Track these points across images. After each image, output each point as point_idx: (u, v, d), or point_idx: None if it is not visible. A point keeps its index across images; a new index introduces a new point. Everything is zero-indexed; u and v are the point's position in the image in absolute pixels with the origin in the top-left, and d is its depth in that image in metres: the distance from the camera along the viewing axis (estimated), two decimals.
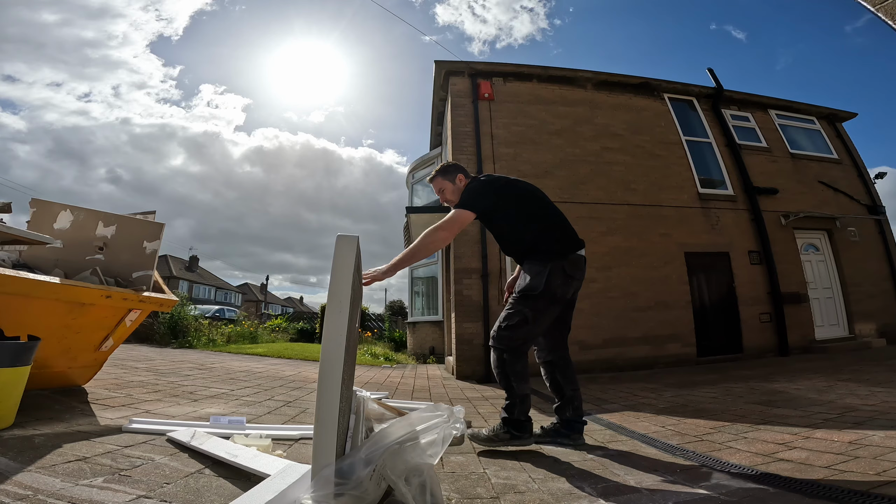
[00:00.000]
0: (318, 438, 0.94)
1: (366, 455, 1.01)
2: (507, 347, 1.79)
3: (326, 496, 0.89)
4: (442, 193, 2.11)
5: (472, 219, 1.88)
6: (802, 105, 7.76)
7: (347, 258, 1.01)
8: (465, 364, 5.11)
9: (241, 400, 2.67)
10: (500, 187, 1.98)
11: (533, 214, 1.95)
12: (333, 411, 0.94)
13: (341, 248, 1.02)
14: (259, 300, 42.94)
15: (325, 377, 0.96)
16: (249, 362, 5.28)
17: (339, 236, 1.05)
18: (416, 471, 0.98)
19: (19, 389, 1.67)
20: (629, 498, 1.21)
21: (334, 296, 0.99)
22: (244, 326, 9.71)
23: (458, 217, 1.86)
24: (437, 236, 1.81)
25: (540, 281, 1.79)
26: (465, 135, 6.03)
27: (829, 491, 1.18)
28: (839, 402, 2.47)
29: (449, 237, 1.86)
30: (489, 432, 1.81)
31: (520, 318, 1.78)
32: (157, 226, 2.74)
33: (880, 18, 1.33)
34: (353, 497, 0.93)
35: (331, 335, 0.98)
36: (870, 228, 7.28)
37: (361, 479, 0.95)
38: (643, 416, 2.49)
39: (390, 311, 17.15)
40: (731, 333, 5.94)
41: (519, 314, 1.79)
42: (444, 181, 2.09)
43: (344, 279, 0.99)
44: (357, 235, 1.07)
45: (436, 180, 2.12)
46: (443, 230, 1.82)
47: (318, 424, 0.94)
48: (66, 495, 1.07)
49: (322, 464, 0.93)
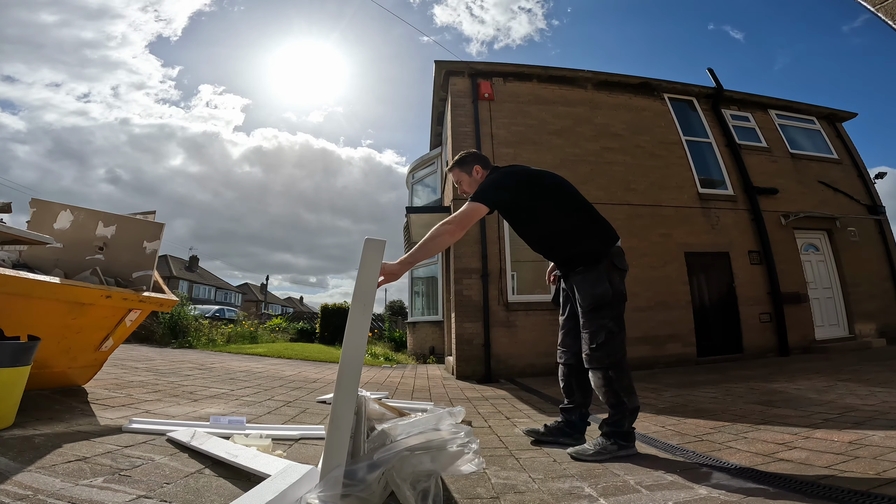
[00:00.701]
0: (331, 439, 0.94)
1: (376, 458, 1.01)
2: (608, 365, 1.67)
3: (334, 496, 0.89)
4: (459, 186, 2.00)
5: (486, 213, 1.75)
6: (802, 105, 7.76)
7: (375, 261, 1.01)
8: (465, 364, 5.11)
9: (241, 400, 2.67)
10: (524, 179, 1.83)
11: (567, 212, 1.81)
12: (349, 412, 0.94)
13: (369, 251, 1.02)
14: (259, 300, 42.95)
15: (344, 376, 0.96)
16: (249, 362, 5.28)
17: (367, 239, 1.05)
18: (423, 477, 0.98)
19: (19, 389, 1.67)
20: (629, 498, 1.21)
21: (359, 298, 0.99)
22: (244, 326, 9.71)
23: (469, 210, 1.71)
24: (443, 230, 1.67)
25: (605, 286, 1.69)
26: (465, 135, 6.03)
27: (829, 491, 1.18)
28: (839, 402, 2.47)
29: (458, 231, 1.70)
30: (595, 447, 1.67)
31: (606, 333, 1.67)
32: (157, 226, 2.74)
33: (880, 18, 1.33)
34: (358, 499, 0.93)
35: (353, 336, 0.98)
36: (870, 228, 7.28)
37: (370, 481, 0.96)
38: (643, 416, 2.48)
39: (390, 311, 17.15)
40: (731, 333, 5.94)
41: (603, 329, 1.67)
42: (461, 173, 1.97)
43: (370, 282, 1.00)
44: (384, 240, 1.07)
45: (453, 171, 2.01)
46: (451, 224, 1.68)
47: (332, 425, 0.94)
48: (66, 495, 1.07)
49: (332, 464, 0.93)
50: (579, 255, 1.78)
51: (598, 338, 1.68)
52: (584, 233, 1.80)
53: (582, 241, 1.78)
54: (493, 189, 1.79)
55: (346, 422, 0.93)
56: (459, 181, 2.00)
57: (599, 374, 1.70)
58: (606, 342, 1.67)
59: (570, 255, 1.81)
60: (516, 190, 1.80)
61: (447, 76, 6.57)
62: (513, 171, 1.88)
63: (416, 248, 1.63)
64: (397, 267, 1.56)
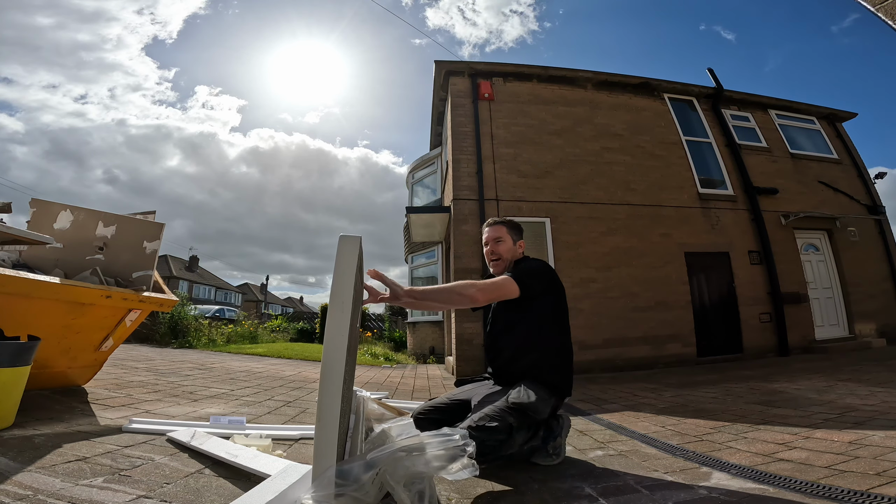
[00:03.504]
0: (319, 439, 0.94)
1: (370, 458, 1.01)
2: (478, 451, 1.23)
3: (327, 496, 0.89)
4: (496, 243, 1.83)
5: (515, 296, 1.61)
6: (802, 105, 7.76)
7: (350, 258, 1.01)
8: (466, 364, 5.11)
9: (241, 400, 2.67)
10: (553, 278, 1.73)
11: (563, 324, 1.70)
12: (335, 412, 0.94)
13: (344, 248, 1.01)
14: (259, 300, 42.93)
15: (326, 378, 0.95)
16: (249, 362, 5.27)
17: (341, 237, 1.04)
18: (417, 478, 0.98)
19: (19, 389, 1.67)
20: (629, 498, 1.21)
21: (336, 296, 0.98)
22: (244, 326, 9.71)
23: (503, 286, 1.60)
24: (468, 292, 1.53)
25: (545, 409, 1.52)
26: (465, 135, 6.03)
27: (829, 491, 1.18)
28: (839, 402, 2.47)
29: (481, 300, 1.57)
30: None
31: (503, 426, 1.38)
32: (157, 226, 2.74)
33: (880, 18, 1.34)
34: (353, 498, 0.93)
35: (333, 335, 0.97)
36: (870, 228, 7.28)
37: (363, 481, 0.95)
38: (643, 416, 2.49)
39: (390, 311, 17.13)
40: (731, 333, 5.94)
41: (503, 423, 1.39)
42: (508, 234, 1.85)
43: (346, 279, 0.99)
44: (359, 236, 1.06)
45: (497, 227, 1.87)
46: (477, 289, 1.54)
47: (319, 425, 0.94)
48: (66, 495, 1.07)
49: (323, 464, 0.93)
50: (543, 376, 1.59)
51: (489, 421, 1.38)
52: (565, 362, 1.67)
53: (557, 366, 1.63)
54: (534, 277, 1.67)
55: (332, 422, 0.93)
56: (500, 239, 1.84)
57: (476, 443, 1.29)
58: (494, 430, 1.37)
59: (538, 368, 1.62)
60: (548, 285, 1.70)
61: (447, 76, 6.57)
62: (550, 269, 1.79)
63: (433, 291, 1.55)
64: (403, 292, 1.46)
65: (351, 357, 1.63)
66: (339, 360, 0.95)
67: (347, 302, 0.98)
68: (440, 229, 7.88)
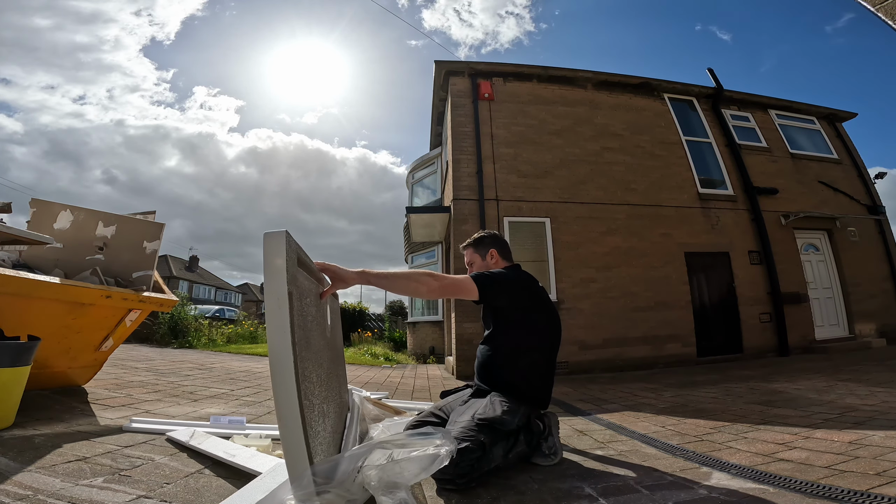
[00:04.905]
0: (284, 441, 0.93)
1: (348, 454, 1.02)
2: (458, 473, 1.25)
3: (308, 494, 0.89)
4: (470, 268, 1.81)
5: (474, 298, 1.52)
6: (802, 105, 7.76)
7: (276, 254, 1.01)
8: (466, 364, 5.10)
9: (241, 400, 2.67)
10: (536, 291, 1.66)
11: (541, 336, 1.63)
12: (294, 411, 0.92)
13: (268, 245, 1.02)
14: (259, 300, 42.90)
15: (276, 377, 0.94)
16: (249, 362, 5.27)
17: (265, 234, 1.05)
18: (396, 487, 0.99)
19: (19, 389, 1.67)
20: (629, 498, 1.21)
21: (272, 294, 0.98)
22: (244, 326, 9.71)
23: (462, 284, 1.50)
24: (424, 281, 1.46)
25: (513, 419, 1.45)
26: (465, 135, 6.03)
27: (829, 491, 1.18)
28: (839, 402, 2.47)
29: (436, 294, 1.50)
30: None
31: (475, 444, 1.30)
32: (157, 226, 2.74)
33: (880, 18, 1.34)
34: (337, 495, 0.93)
35: (274, 333, 0.97)
36: (870, 228, 7.28)
37: (342, 479, 0.96)
38: (643, 416, 2.49)
39: (390, 311, 17.13)
40: (731, 333, 5.94)
41: (475, 441, 1.31)
42: (474, 254, 1.81)
43: (277, 275, 0.99)
44: (285, 230, 1.06)
45: (466, 251, 1.86)
46: (437, 281, 1.47)
47: (280, 425, 0.93)
48: (66, 495, 1.07)
49: (297, 465, 0.92)
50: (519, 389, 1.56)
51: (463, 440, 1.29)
52: (536, 373, 1.61)
53: (525, 380, 1.58)
54: (498, 284, 1.58)
55: (294, 421, 0.92)
56: (471, 263, 1.81)
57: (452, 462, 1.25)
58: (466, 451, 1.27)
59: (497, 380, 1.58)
60: (519, 294, 1.62)
61: (447, 76, 6.57)
62: (529, 280, 1.70)
63: (386, 275, 1.47)
64: (352, 275, 1.37)
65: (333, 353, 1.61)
66: (286, 357, 0.94)
67: (283, 297, 0.97)
68: (440, 229, 7.88)
